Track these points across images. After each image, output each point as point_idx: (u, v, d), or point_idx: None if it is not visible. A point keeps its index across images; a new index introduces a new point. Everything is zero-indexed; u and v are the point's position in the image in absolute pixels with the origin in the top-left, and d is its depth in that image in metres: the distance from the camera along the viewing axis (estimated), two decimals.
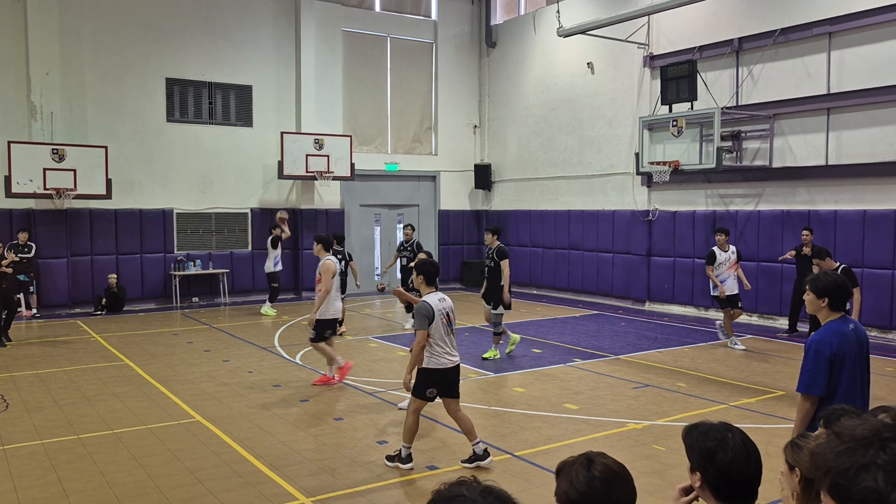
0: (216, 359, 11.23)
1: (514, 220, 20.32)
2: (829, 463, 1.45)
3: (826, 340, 4.32)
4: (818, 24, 13.13)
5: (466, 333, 13.32)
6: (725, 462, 2.25)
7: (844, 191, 13.13)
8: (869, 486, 1.36)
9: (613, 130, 17.30)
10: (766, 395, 9.01)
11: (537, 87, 19.48)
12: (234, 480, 6.24)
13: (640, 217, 16.66)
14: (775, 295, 14.00)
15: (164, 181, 17.21)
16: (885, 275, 12.50)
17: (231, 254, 18.07)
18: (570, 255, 18.54)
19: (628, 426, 7.76)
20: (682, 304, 16.01)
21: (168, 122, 17.26)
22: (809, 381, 4.30)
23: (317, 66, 18.77)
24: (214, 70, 17.70)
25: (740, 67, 14.56)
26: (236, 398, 8.94)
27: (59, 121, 15.74)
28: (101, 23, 16.35)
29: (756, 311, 14.28)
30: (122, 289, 16.39)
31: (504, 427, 7.74)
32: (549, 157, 19.23)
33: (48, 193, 15.24)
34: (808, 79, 13.43)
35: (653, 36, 16.28)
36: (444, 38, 20.91)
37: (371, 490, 6.06)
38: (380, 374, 10.22)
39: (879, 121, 12.51)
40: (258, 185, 18.40)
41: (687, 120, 13.87)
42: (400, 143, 20.63)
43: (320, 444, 7.22)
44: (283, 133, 17.81)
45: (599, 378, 9.97)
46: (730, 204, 15.01)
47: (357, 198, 19.96)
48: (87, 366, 10.71)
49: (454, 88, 21.12)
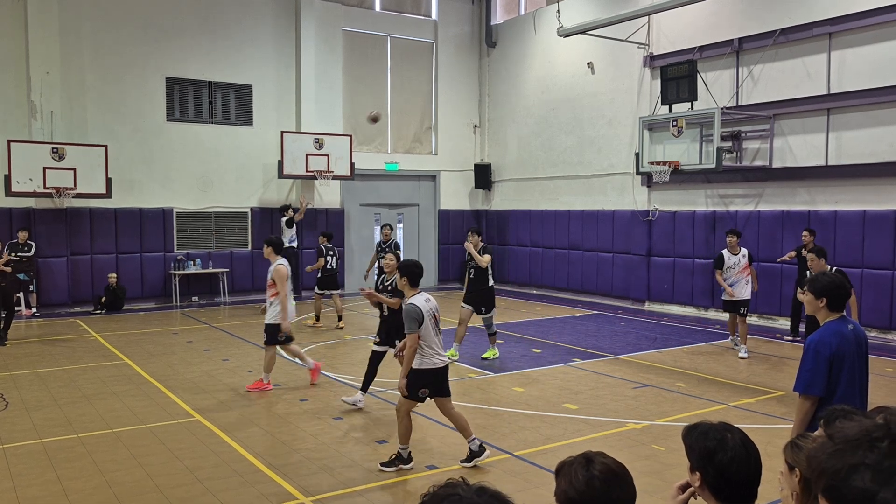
0: (216, 358, 11.22)
1: (514, 219, 20.32)
2: (823, 465, 1.45)
3: (825, 340, 4.31)
4: (818, 25, 13.13)
5: (466, 333, 13.31)
6: (725, 462, 2.25)
7: (844, 191, 13.13)
8: (858, 487, 1.37)
9: (613, 130, 17.30)
10: (765, 395, 9.01)
11: (537, 86, 19.48)
12: (234, 480, 6.24)
13: (640, 217, 16.66)
14: (775, 295, 14.00)
15: (164, 180, 17.21)
16: (885, 275, 12.50)
17: (231, 253, 18.07)
18: (570, 255, 18.54)
19: (628, 426, 7.76)
20: (682, 305, 16.00)
21: (168, 121, 17.26)
22: (808, 381, 4.30)
23: (317, 65, 18.77)
24: (214, 69, 17.70)
25: (740, 67, 14.56)
26: (236, 397, 8.94)
27: (59, 120, 15.74)
28: (101, 22, 16.35)
29: (756, 312, 14.27)
30: (121, 288, 16.39)
31: (504, 427, 7.74)
32: (549, 157, 19.23)
33: (48, 192, 15.23)
34: (809, 79, 13.43)
35: (653, 36, 16.28)
36: (444, 37, 20.91)
37: (370, 489, 6.06)
38: (379, 373, 10.20)
39: (880, 121, 12.50)
40: (258, 185, 18.40)
41: (687, 120, 13.87)
42: (400, 143, 20.63)
43: (319, 443, 7.22)
44: (283, 132, 17.81)
45: (599, 378, 9.97)
46: (730, 204, 15.01)
47: (357, 197, 19.96)
48: (87, 365, 10.71)
49: (454, 88, 21.12)
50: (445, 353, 6.70)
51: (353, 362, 10.91)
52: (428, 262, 21.08)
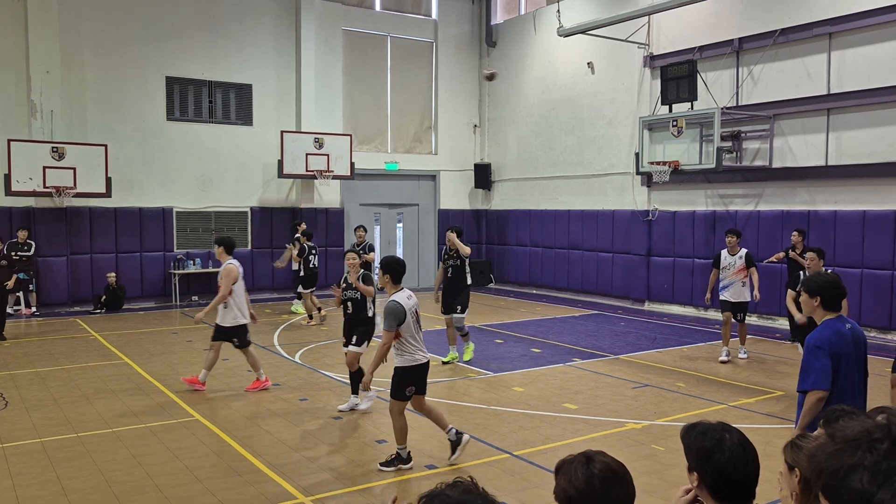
0: None
1: (513, 219, 20.32)
2: (822, 464, 1.45)
3: (824, 338, 4.36)
4: (818, 25, 13.12)
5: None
6: (723, 462, 2.25)
7: (844, 191, 13.12)
8: (856, 488, 1.37)
9: (613, 130, 17.30)
10: (764, 395, 9.01)
11: (537, 86, 19.47)
12: (233, 479, 6.24)
13: (639, 217, 16.65)
14: (774, 296, 13.97)
15: (163, 180, 17.21)
16: (885, 275, 12.50)
17: None
18: (570, 255, 18.54)
19: (627, 426, 7.76)
20: (682, 304, 16.00)
21: (168, 120, 17.25)
22: (815, 378, 4.33)
23: (317, 65, 18.76)
24: (215, 69, 17.69)
25: (740, 67, 14.56)
26: (235, 397, 8.94)
27: (59, 119, 15.73)
28: (101, 21, 16.34)
29: (755, 312, 14.27)
30: (121, 287, 16.38)
31: (503, 426, 7.73)
32: (548, 157, 19.22)
33: (48, 192, 15.23)
34: (809, 79, 13.43)
35: (653, 36, 16.28)
36: (444, 37, 20.91)
37: (369, 489, 6.06)
38: (378, 373, 10.19)
39: (879, 121, 12.50)
40: (258, 184, 18.40)
41: (687, 120, 13.86)
42: (400, 143, 20.63)
43: (319, 442, 7.21)
44: (283, 132, 17.81)
45: (599, 378, 9.97)
46: (729, 204, 15.01)
47: (357, 197, 19.95)
48: (87, 364, 10.71)
49: (454, 88, 21.11)
50: (428, 352, 6.68)
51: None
52: (427, 262, 21.09)
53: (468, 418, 8.00)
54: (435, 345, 11.00)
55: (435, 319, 13.03)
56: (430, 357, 6.83)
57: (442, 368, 10.40)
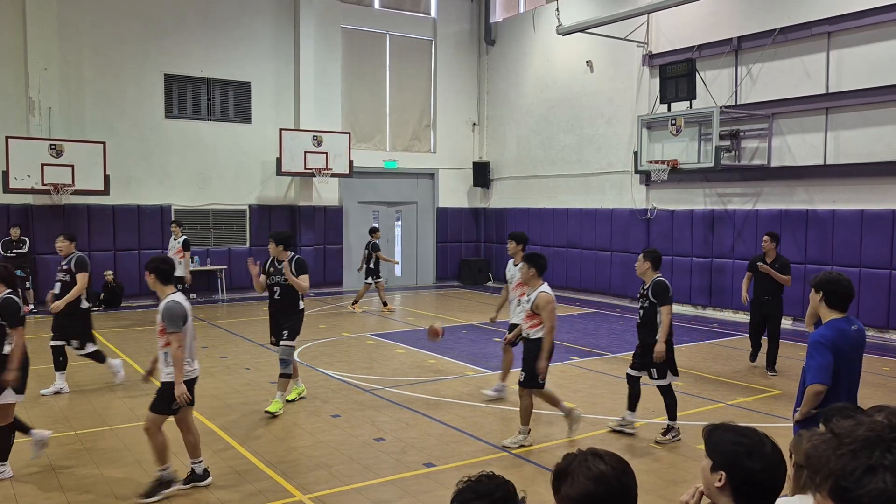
0: (214, 355, 11.21)
1: (512, 217, 20.32)
2: (831, 465, 1.43)
3: (827, 335, 4.43)
4: (817, 24, 13.13)
5: (464, 331, 13.35)
6: (757, 469, 2.22)
7: (842, 190, 13.14)
8: (878, 488, 1.35)
9: (612, 129, 17.30)
10: (763, 394, 9.02)
11: (536, 85, 19.47)
12: (231, 477, 6.24)
13: (638, 216, 16.66)
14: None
15: (162, 177, 17.19)
16: (883, 274, 12.52)
17: (229, 250, 18.05)
18: (569, 254, 18.54)
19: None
20: (680, 304, 15.99)
21: (166, 117, 17.23)
22: (815, 372, 4.40)
23: (316, 62, 18.75)
24: (213, 66, 17.67)
25: (739, 67, 14.56)
26: (234, 395, 8.94)
27: (57, 116, 15.71)
28: (99, 18, 16.31)
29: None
30: (119, 285, 16.36)
31: (502, 425, 7.74)
32: (547, 156, 19.22)
33: (46, 189, 15.20)
34: (807, 78, 13.44)
35: (652, 35, 16.28)
36: (443, 35, 20.89)
37: (367, 487, 6.06)
38: (377, 371, 10.22)
39: (878, 121, 12.52)
40: (256, 182, 18.39)
41: (686, 119, 13.87)
42: (399, 141, 20.62)
43: (317, 440, 7.21)
44: (282, 130, 17.80)
45: (597, 376, 9.97)
46: (728, 203, 15.02)
47: (355, 195, 19.94)
48: (84, 361, 10.68)
49: (453, 86, 21.10)
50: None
51: (350, 361, 10.91)
52: (426, 261, 21.11)
53: (468, 417, 8.00)
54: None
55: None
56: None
57: (432, 367, 10.39)
